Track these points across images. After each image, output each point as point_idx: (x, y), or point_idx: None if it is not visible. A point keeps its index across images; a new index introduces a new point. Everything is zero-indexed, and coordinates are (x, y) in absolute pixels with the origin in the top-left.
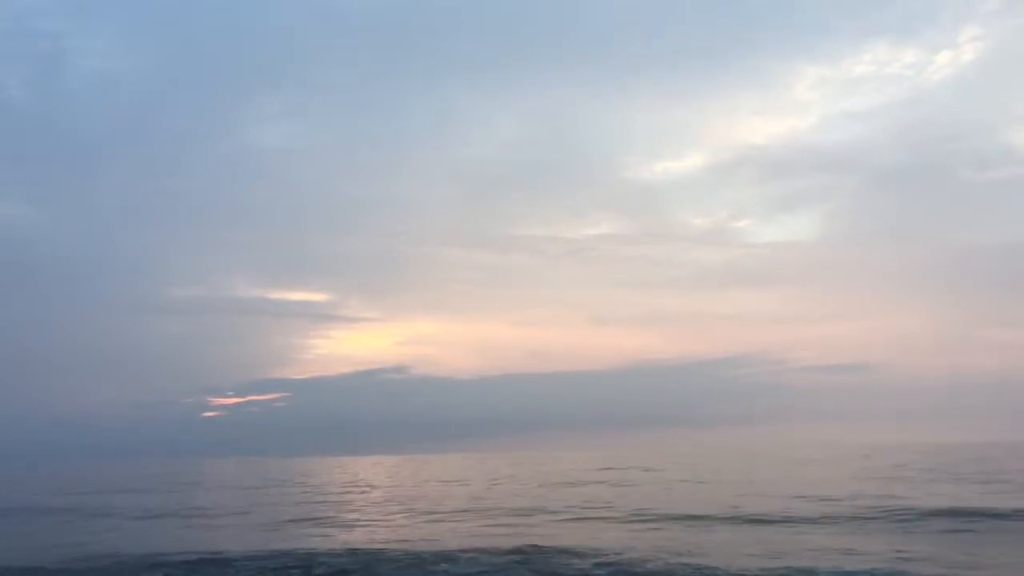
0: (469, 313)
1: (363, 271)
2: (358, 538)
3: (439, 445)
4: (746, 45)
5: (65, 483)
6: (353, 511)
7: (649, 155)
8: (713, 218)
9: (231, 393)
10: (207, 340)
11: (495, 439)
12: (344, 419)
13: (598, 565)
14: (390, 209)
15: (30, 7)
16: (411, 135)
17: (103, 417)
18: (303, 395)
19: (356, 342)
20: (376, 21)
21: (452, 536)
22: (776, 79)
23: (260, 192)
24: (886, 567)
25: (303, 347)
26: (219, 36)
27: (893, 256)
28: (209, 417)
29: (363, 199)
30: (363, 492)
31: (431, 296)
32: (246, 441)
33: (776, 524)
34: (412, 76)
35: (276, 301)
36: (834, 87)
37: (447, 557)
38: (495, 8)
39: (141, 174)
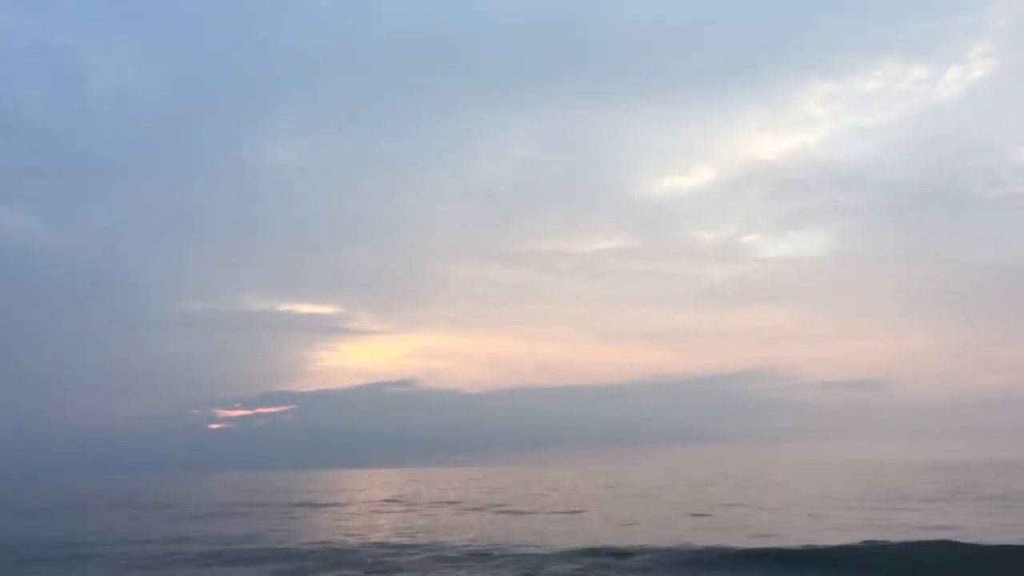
0: (478, 327)
1: (373, 284)
2: None
3: (447, 459)
4: (755, 61)
5: (23, 501)
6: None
7: (658, 171)
8: (722, 233)
9: (239, 406)
10: (215, 353)
11: (503, 453)
12: (352, 432)
13: None
14: (401, 224)
15: (48, 24)
16: (423, 153)
17: (111, 430)
18: (311, 408)
19: (365, 355)
20: (389, 41)
21: None
22: (785, 95)
23: (272, 208)
24: None
25: (311, 360)
26: (234, 54)
27: (903, 273)
28: (217, 430)
29: (374, 214)
30: (300, 515)
31: (440, 310)
32: (254, 454)
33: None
34: (424, 95)
35: (285, 314)
36: (843, 103)
37: None
38: (506, 29)
39: (154, 189)
